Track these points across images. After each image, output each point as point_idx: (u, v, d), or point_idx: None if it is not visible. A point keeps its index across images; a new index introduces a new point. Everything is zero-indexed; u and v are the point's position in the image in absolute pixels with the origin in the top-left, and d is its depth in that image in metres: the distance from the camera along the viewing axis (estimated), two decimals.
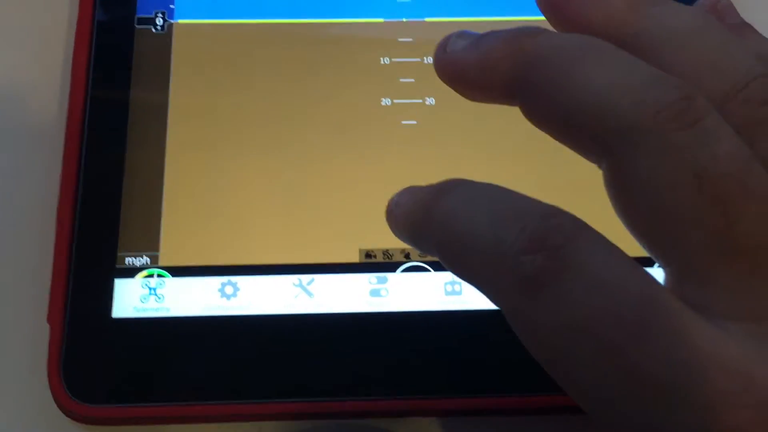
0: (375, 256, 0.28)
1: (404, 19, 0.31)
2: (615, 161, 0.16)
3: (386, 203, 0.20)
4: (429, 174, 0.29)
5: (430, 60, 0.30)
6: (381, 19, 0.31)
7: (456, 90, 0.19)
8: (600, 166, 0.17)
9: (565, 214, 0.16)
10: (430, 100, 0.30)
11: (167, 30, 0.31)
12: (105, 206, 0.28)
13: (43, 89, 0.31)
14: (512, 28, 0.18)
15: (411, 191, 0.19)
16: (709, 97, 0.16)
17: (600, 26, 0.18)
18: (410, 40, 0.31)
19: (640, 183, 0.15)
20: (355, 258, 0.28)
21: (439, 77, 0.19)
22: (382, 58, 0.31)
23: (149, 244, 0.28)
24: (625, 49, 0.17)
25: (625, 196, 0.16)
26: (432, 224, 0.17)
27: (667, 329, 0.14)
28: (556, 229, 0.15)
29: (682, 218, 0.15)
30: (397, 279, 0.28)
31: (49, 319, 0.27)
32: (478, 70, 0.18)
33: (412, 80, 0.30)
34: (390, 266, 0.28)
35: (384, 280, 0.28)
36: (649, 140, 0.15)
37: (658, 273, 0.16)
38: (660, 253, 0.16)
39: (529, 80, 0.17)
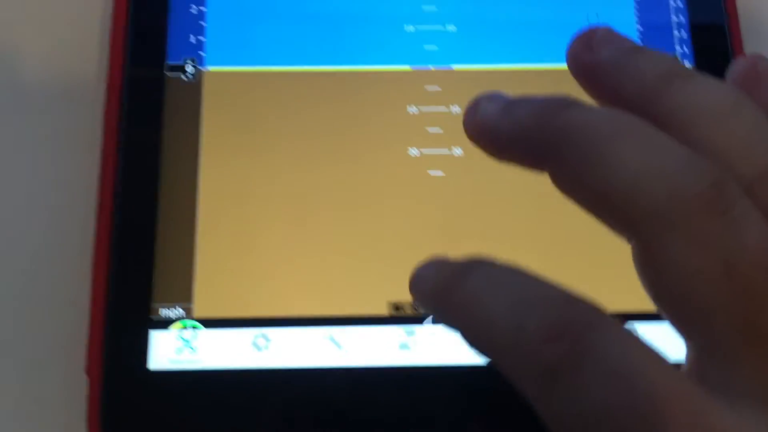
0: (403, 309, 0.29)
1: (432, 68, 0.31)
2: (644, 242, 0.16)
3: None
4: (456, 225, 0.30)
5: (457, 109, 0.31)
6: (408, 67, 0.32)
7: (485, 152, 0.19)
8: (628, 242, 0.17)
9: (585, 303, 0.16)
10: (457, 151, 0.30)
11: (197, 77, 0.31)
12: (139, 258, 0.29)
13: (74, 141, 0.32)
14: (545, 96, 0.18)
15: (434, 266, 0.19)
16: (739, 179, 0.16)
17: (631, 98, 0.18)
18: (438, 88, 0.31)
19: (669, 267, 0.16)
20: (383, 311, 0.29)
21: (469, 139, 0.19)
22: (409, 107, 0.31)
23: (183, 295, 0.29)
24: (655, 123, 0.17)
25: (652, 276, 0.16)
26: (453, 307, 0.17)
27: (683, 420, 0.15)
28: (576, 318, 0.16)
29: (710, 305, 0.15)
30: (424, 332, 0.29)
31: (88, 371, 0.28)
32: (509, 137, 0.18)
33: (440, 130, 0.31)
34: (418, 319, 0.29)
35: (412, 333, 0.28)
36: (679, 227, 0.15)
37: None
38: (684, 331, 0.16)
39: (559, 153, 0.17)
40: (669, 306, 0.16)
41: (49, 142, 0.32)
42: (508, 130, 0.18)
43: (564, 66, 0.32)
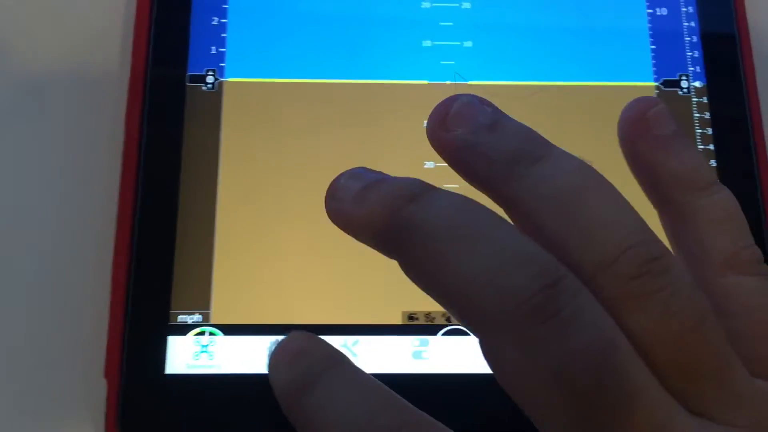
0: (417, 319, 0.29)
1: (448, 82, 0.32)
2: (483, 341, 0.16)
3: None
4: None
5: None
6: (425, 81, 0.32)
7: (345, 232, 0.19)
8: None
9: (415, 417, 0.16)
10: None
11: (217, 88, 0.32)
12: (158, 265, 0.30)
13: (95, 153, 0.32)
14: (399, 183, 0.17)
15: (289, 356, 0.18)
16: (578, 271, 0.16)
17: (482, 181, 0.17)
18: None
19: (503, 368, 0.16)
20: (398, 320, 0.29)
21: (330, 218, 0.19)
22: (425, 121, 0.31)
23: (201, 302, 0.29)
24: (504, 208, 0.17)
25: (495, 370, 0.16)
26: (299, 412, 0.17)
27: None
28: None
29: (541, 409, 0.16)
30: (438, 341, 0.29)
31: (106, 375, 0.28)
32: (359, 227, 0.17)
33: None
34: (432, 329, 0.29)
35: (426, 343, 0.29)
36: (510, 332, 0.15)
37: None
38: (531, 420, 0.17)
39: (402, 251, 0.17)
40: (514, 399, 0.16)
41: (70, 148, 0.32)
42: (358, 220, 0.17)
43: (575, 82, 0.32)
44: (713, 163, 0.31)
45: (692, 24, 0.33)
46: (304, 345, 0.17)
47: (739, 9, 0.34)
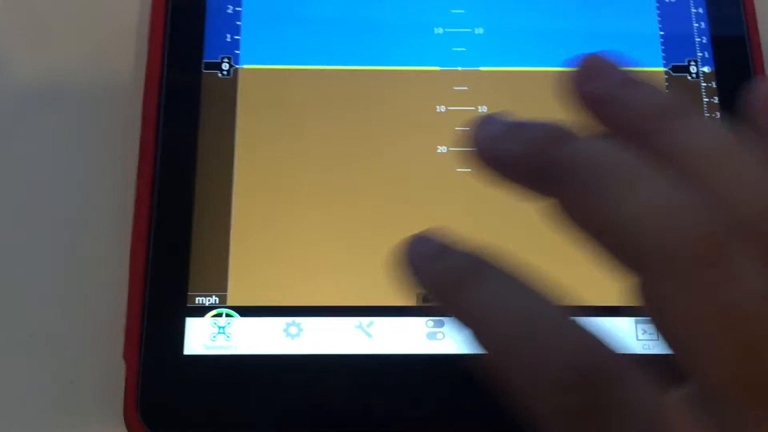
0: (432, 300, 0.30)
1: (459, 68, 0.33)
2: (644, 282, 0.16)
3: None
4: (484, 220, 0.31)
5: (484, 109, 0.32)
6: (437, 68, 0.33)
7: (489, 173, 0.18)
8: (631, 277, 0.17)
9: (605, 347, 0.16)
10: None
11: (233, 75, 0.32)
12: (176, 248, 0.30)
13: (111, 140, 0.33)
14: (547, 124, 0.17)
15: (436, 249, 0.18)
16: (733, 223, 0.16)
17: (632, 131, 0.17)
18: (465, 88, 0.32)
19: (669, 311, 0.16)
20: (412, 301, 0.30)
21: (474, 158, 0.18)
22: (438, 107, 0.32)
23: (218, 284, 0.30)
24: (655, 159, 0.17)
25: (653, 314, 0.16)
26: (462, 311, 0.17)
27: None
28: (601, 366, 0.15)
29: (708, 354, 0.15)
30: (452, 322, 0.29)
31: (126, 356, 0.29)
32: (517, 159, 0.17)
33: (468, 128, 0.32)
34: None
35: (440, 324, 0.29)
36: (677, 274, 0.15)
37: None
38: (684, 367, 0.16)
39: (566, 184, 0.17)
40: (672, 343, 0.16)
41: (88, 132, 0.33)
42: (516, 156, 0.17)
43: None
44: None
45: (700, 10, 0.34)
46: (446, 242, 0.18)
47: (749, 8, 0.34)
